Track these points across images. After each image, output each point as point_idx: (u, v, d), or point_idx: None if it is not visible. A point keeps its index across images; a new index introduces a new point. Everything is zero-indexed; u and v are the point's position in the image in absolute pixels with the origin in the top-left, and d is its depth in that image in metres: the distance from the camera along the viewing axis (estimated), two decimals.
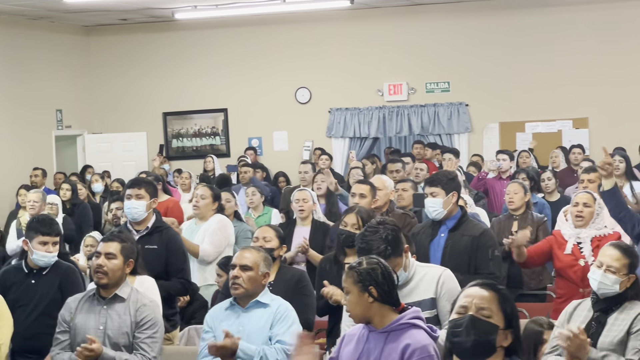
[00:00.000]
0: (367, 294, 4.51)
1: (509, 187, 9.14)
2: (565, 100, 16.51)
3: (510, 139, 16.74)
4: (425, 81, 17.28)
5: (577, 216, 7.34)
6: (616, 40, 16.29)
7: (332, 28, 17.53)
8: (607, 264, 5.45)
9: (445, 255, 6.83)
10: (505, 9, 16.81)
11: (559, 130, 16.66)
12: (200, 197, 8.80)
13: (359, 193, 8.17)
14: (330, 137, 17.70)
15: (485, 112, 16.96)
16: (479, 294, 3.64)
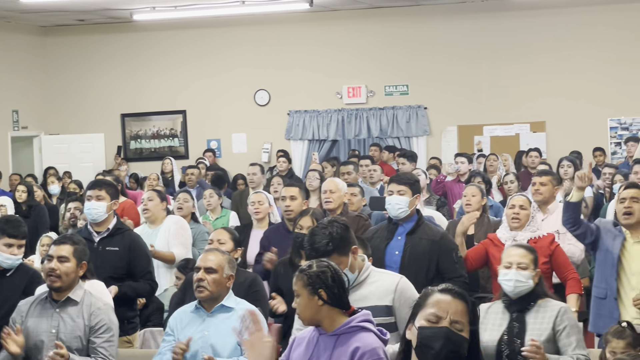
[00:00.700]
0: (316, 297, 4.50)
1: (467, 190, 9.14)
2: (522, 104, 16.61)
3: (469, 142, 16.81)
4: (384, 84, 17.32)
5: (514, 218, 7.39)
6: (573, 45, 16.42)
7: (291, 30, 17.52)
8: (517, 262, 5.64)
9: (404, 259, 6.80)
10: (464, 14, 16.88)
11: (517, 133, 16.76)
12: (147, 199, 8.78)
13: (289, 196, 8.22)
14: (289, 139, 17.69)
15: (443, 116, 17.03)
16: (454, 305, 3.60)
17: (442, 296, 3.63)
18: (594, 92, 16.28)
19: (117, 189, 7.82)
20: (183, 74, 17.99)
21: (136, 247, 7.40)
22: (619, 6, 16.26)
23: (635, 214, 6.53)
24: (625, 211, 6.55)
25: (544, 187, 8.53)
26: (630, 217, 6.53)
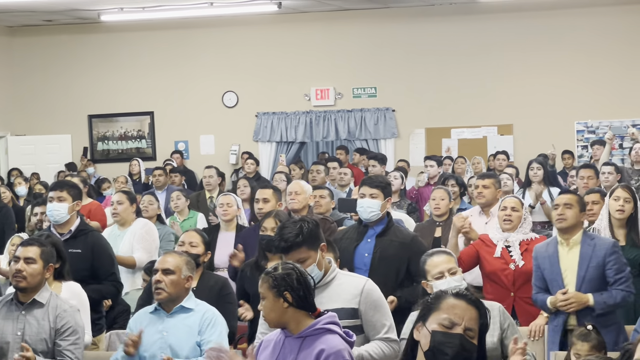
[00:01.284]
0: (282, 299, 4.50)
1: (435, 193, 9.14)
2: (490, 106, 16.68)
3: (436, 144, 16.85)
4: (352, 86, 17.33)
5: (506, 220, 7.39)
6: (541, 49, 16.51)
7: (259, 32, 17.50)
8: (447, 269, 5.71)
9: (374, 261, 6.83)
10: (432, 16, 16.92)
11: (484, 136, 16.82)
12: (117, 202, 8.73)
13: (262, 198, 8.25)
14: (257, 141, 17.66)
15: (411, 118, 17.06)
16: (468, 312, 3.58)
17: (457, 301, 3.60)
18: (561, 95, 16.37)
19: (79, 190, 7.74)
20: (151, 75, 17.93)
21: (99, 248, 7.35)
22: (587, 10, 16.36)
23: (568, 219, 6.61)
24: (559, 217, 6.64)
25: (486, 190, 8.57)
26: (563, 222, 6.60)
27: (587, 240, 6.63)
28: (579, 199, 6.78)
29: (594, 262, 6.49)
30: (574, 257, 6.58)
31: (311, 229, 5.20)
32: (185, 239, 6.90)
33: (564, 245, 6.64)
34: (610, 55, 16.24)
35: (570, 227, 6.63)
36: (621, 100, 16.06)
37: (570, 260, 6.59)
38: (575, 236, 6.64)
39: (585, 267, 6.50)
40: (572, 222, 6.63)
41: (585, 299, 6.41)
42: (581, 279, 6.48)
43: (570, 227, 6.62)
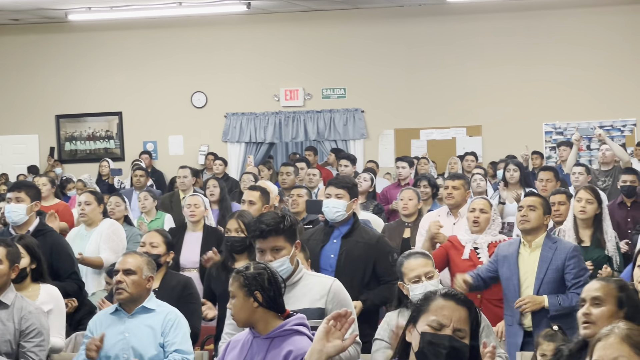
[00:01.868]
0: (252, 298, 4.48)
1: (403, 194, 9.14)
2: (459, 108, 16.72)
3: (405, 145, 16.87)
4: (322, 87, 17.33)
5: (474, 222, 7.42)
6: (509, 50, 16.57)
7: (228, 33, 17.46)
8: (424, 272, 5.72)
9: (340, 262, 6.82)
10: (402, 17, 16.94)
11: (453, 137, 16.86)
12: (84, 203, 8.67)
13: (248, 200, 8.22)
14: (226, 141, 17.62)
15: (380, 119, 17.07)
16: (457, 312, 3.56)
17: (446, 302, 3.59)
18: (530, 96, 16.44)
19: (38, 191, 7.72)
20: (119, 75, 17.84)
21: (58, 248, 7.33)
22: (555, 12, 16.44)
23: (531, 221, 6.65)
24: (522, 219, 6.68)
25: (456, 191, 8.58)
26: (526, 224, 6.66)
27: (548, 243, 6.68)
28: (543, 202, 6.82)
29: (553, 265, 6.54)
30: (534, 259, 6.63)
31: (292, 222, 5.22)
32: (146, 239, 6.88)
33: (526, 246, 6.70)
34: (578, 57, 16.33)
35: (533, 229, 6.68)
36: (589, 102, 16.14)
37: (531, 262, 6.63)
38: (537, 238, 6.69)
39: (545, 270, 6.54)
40: (535, 224, 6.68)
41: (539, 300, 6.44)
42: (540, 281, 6.52)
43: (533, 229, 6.68)
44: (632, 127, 16.22)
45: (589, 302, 4.51)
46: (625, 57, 16.18)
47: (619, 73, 16.20)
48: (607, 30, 16.27)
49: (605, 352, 3.69)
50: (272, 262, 5.06)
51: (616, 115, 16.24)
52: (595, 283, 4.59)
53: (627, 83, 16.19)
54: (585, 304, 4.53)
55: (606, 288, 4.54)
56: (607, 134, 14.58)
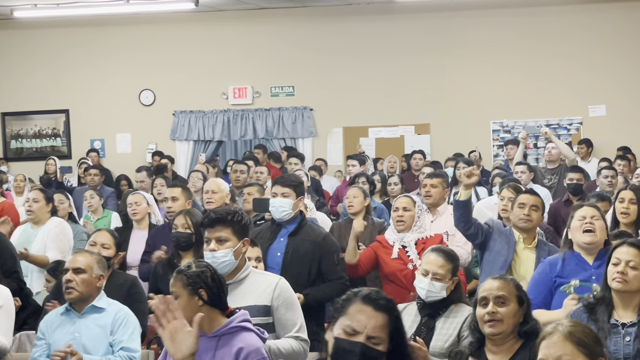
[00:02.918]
0: (197, 297, 4.46)
1: (349, 192, 9.16)
2: (407, 106, 16.77)
3: (354, 143, 16.89)
4: (270, 85, 17.30)
5: (398, 221, 7.43)
6: (457, 49, 16.65)
7: (176, 30, 17.37)
8: (433, 271, 5.62)
9: (286, 260, 6.84)
10: (350, 15, 16.96)
11: (402, 135, 16.90)
12: (33, 200, 8.60)
13: (171, 196, 8.24)
14: (175, 139, 17.53)
15: (329, 117, 17.08)
16: (374, 319, 3.48)
17: (363, 306, 3.51)
18: (478, 95, 16.53)
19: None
20: (66, 72, 17.68)
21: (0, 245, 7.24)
22: (502, 11, 16.53)
23: (534, 221, 6.72)
24: (525, 218, 6.70)
25: (434, 189, 8.60)
26: (529, 223, 6.70)
27: (541, 245, 6.78)
28: (542, 202, 6.91)
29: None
30: (528, 257, 6.69)
31: (243, 219, 5.23)
32: (97, 239, 6.83)
33: (520, 242, 6.74)
34: (525, 56, 16.44)
35: (533, 229, 6.77)
36: (536, 101, 16.26)
37: (526, 258, 6.69)
38: (535, 240, 6.77)
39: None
40: (536, 224, 6.79)
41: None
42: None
43: (533, 228, 6.77)
44: (578, 126, 16.37)
45: (493, 300, 4.58)
46: (572, 56, 16.32)
47: (566, 72, 16.34)
48: (554, 30, 16.40)
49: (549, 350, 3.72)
50: (215, 252, 5.07)
51: (563, 113, 16.39)
52: (495, 282, 4.66)
53: (574, 82, 16.33)
54: (488, 302, 4.58)
55: (507, 287, 4.63)
56: (554, 132, 14.72)
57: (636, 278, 4.87)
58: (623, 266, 4.89)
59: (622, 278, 4.86)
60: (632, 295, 4.87)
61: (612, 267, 4.94)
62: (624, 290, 4.87)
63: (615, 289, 4.89)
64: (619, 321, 4.86)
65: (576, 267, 5.77)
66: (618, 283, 4.87)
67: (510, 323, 4.58)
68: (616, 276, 4.87)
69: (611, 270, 4.93)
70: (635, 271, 4.88)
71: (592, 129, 16.19)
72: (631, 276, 4.87)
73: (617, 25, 16.22)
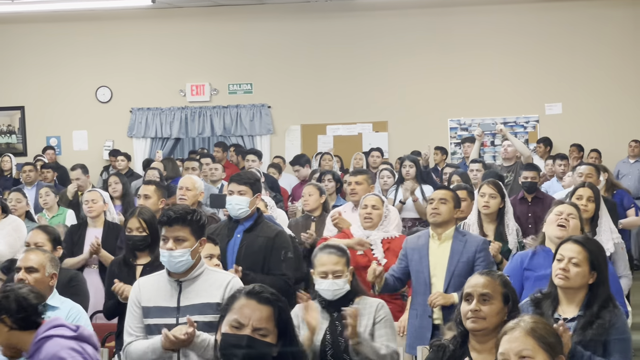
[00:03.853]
0: (1, 324, 4.46)
1: (305, 189, 9.22)
2: (365, 104, 16.79)
3: (312, 141, 16.90)
4: (228, 82, 17.26)
5: (366, 218, 7.47)
6: (415, 47, 16.69)
7: (134, 27, 17.28)
8: (332, 271, 5.62)
9: (240, 256, 6.86)
10: (308, 13, 16.95)
11: (360, 133, 16.92)
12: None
13: (143, 194, 8.22)
14: (132, 137, 17.44)
15: (287, 114, 17.07)
16: (258, 312, 3.60)
17: (247, 301, 3.63)
18: (435, 93, 16.58)
19: None
20: (21, 68, 17.52)
21: None
22: (460, 9, 16.59)
23: (442, 214, 6.73)
24: (433, 212, 6.76)
25: (359, 187, 8.64)
26: (437, 217, 6.73)
27: (458, 236, 6.77)
28: (453, 195, 6.89)
29: (464, 258, 6.62)
30: (444, 252, 6.69)
31: (202, 218, 5.22)
32: (30, 239, 6.81)
33: (435, 239, 6.76)
34: (483, 54, 16.52)
35: (444, 222, 6.76)
36: (493, 98, 16.34)
37: (441, 254, 6.69)
38: (447, 231, 6.76)
39: (456, 262, 6.61)
40: (446, 217, 6.75)
41: (450, 299, 6.49)
42: (450, 274, 6.58)
43: (443, 221, 6.75)
44: (534, 124, 16.46)
45: (477, 298, 4.54)
46: (529, 54, 16.41)
47: (523, 70, 16.43)
48: (511, 28, 16.48)
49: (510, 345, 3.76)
50: (173, 251, 5.05)
51: (520, 111, 16.47)
52: (481, 278, 4.63)
53: (531, 80, 16.43)
54: (472, 299, 4.56)
55: (493, 284, 4.59)
56: (510, 130, 14.79)
57: (578, 275, 4.94)
58: (566, 263, 4.95)
59: (564, 275, 4.90)
60: (575, 291, 4.92)
61: (556, 264, 5.00)
62: (566, 286, 4.94)
63: (557, 285, 4.96)
64: (561, 316, 4.91)
65: (544, 261, 5.86)
66: (560, 279, 4.94)
67: (493, 321, 4.54)
68: (558, 273, 4.93)
69: (555, 267, 4.99)
70: (578, 268, 4.94)
71: (548, 127, 16.29)
72: (573, 273, 4.93)
73: (574, 24, 16.33)
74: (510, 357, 3.76)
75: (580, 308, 4.87)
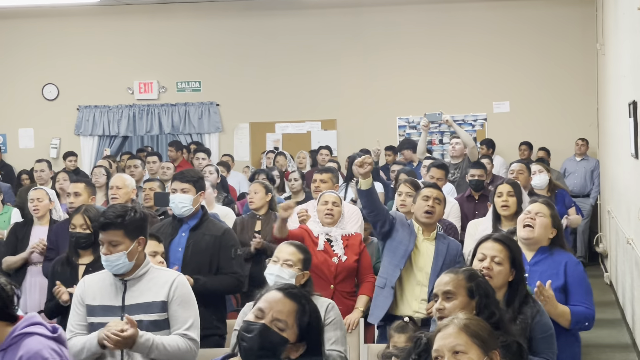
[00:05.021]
0: None
1: (250, 187, 9.25)
2: (314, 102, 16.79)
3: (261, 139, 16.87)
4: (176, 80, 17.17)
5: (327, 214, 7.50)
6: (363, 45, 16.72)
7: (81, 24, 17.12)
8: (284, 258, 5.67)
9: (187, 255, 6.86)
10: (257, 10, 16.91)
11: (308, 131, 16.92)
12: None
13: (73, 192, 8.18)
14: (79, 135, 17.29)
15: (235, 112, 17.03)
16: (281, 304, 3.62)
17: (275, 293, 3.66)
18: (384, 91, 16.62)
19: None
20: None
21: None
22: (406, 7, 16.62)
23: (435, 214, 6.80)
24: (428, 210, 6.79)
25: (324, 184, 8.65)
26: (431, 217, 6.79)
27: (441, 238, 6.86)
28: (444, 197, 6.99)
29: (447, 260, 6.70)
30: (428, 250, 6.76)
31: (136, 218, 5.18)
32: None
33: (420, 233, 6.81)
34: (431, 52, 16.58)
35: (435, 222, 6.88)
36: (442, 96, 16.37)
37: (425, 251, 6.76)
38: (434, 232, 6.86)
39: (441, 263, 6.67)
40: (438, 218, 6.89)
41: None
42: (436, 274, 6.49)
43: (435, 221, 6.87)
44: (482, 122, 16.56)
45: (441, 296, 4.54)
46: (477, 52, 16.50)
47: (472, 68, 16.52)
48: (460, 26, 16.55)
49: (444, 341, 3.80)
50: (108, 256, 5.04)
51: (468, 109, 16.56)
52: (445, 276, 4.62)
53: (479, 78, 16.52)
54: (437, 298, 4.56)
55: (455, 280, 4.57)
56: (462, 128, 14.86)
57: (501, 273, 4.95)
58: (488, 262, 4.95)
59: (488, 273, 4.91)
60: (497, 289, 4.91)
61: (477, 263, 5.01)
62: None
63: None
64: None
65: None
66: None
67: None
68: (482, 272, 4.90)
69: (476, 266, 4.98)
70: (500, 266, 4.95)
71: (496, 125, 16.41)
72: (496, 271, 4.94)
73: (522, 23, 16.43)
74: (444, 353, 3.79)
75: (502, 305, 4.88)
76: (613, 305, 11.72)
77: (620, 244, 11.29)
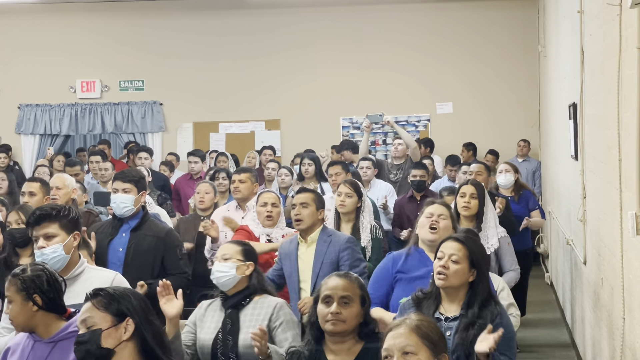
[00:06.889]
0: (31, 302, 4.33)
1: (200, 187, 9.19)
2: (258, 101, 16.77)
3: (204, 139, 16.82)
4: (119, 79, 17.05)
5: (268, 216, 7.50)
6: (307, 45, 16.72)
7: (22, 21, 16.94)
8: (221, 254, 5.64)
9: (128, 255, 6.81)
10: (199, 10, 16.86)
11: (252, 131, 16.90)
12: None
13: (28, 191, 8.05)
14: (20, 133, 17.10)
15: (179, 112, 16.96)
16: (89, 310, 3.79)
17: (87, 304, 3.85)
18: (327, 91, 16.64)
19: None
20: None
21: None
22: (353, 8, 16.67)
23: (305, 219, 6.79)
24: (296, 217, 6.81)
25: (242, 185, 8.64)
26: (301, 223, 6.79)
27: (323, 237, 6.82)
28: (315, 197, 6.91)
29: (328, 259, 6.66)
30: (310, 255, 6.74)
31: (71, 214, 5.18)
32: None
33: (303, 243, 6.81)
34: (374, 53, 16.62)
35: (308, 227, 6.81)
36: (385, 97, 16.42)
37: (307, 257, 6.74)
38: (312, 234, 6.82)
39: (320, 264, 6.65)
40: (309, 222, 6.81)
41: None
42: (316, 276, 6.60)
43: (307, 227, 6.81)
44: (426, 123, 16.64)
45: (337, 300, 4.62)
46: (420, 53, 16.58)
47: (415, 69, 16.59)
48: (404, 27, 16.62)
49: (394, 341, 3.82)
50: (44, 249, 4.99)
51: (411, 110, 16.64)
52: (340, 281, 4.70)
53: (422, 79, 16.60)
54: (332, 301, 4.62)
55: (352, 287, 4.69)
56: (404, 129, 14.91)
57: (457, 272, 4.94)
58: (446, 260, 4.95)
59: (445, 273, 4.91)
60: (456, 289, 4.93)
61: (437, 262, 5.00)
62: (445, 286, 4.93)
63: (438, 285, 4.94)
64: (443, 315, 4.92)
65: (418, 263, 5.83)
66: (440, 281, 4.92)
67: (352, 324, 4.61)
68: (439, 270, 4.92)
69: (436, 265, 5.00)
70: (458, 265, 4.94)
71: (439, 126, 16.50)
72: (452, 270, 4.92)
73: (465, 24, 16.53)
74: (393, 352, 3.80)
75: (462, 307, 4.89)
76: (553, 305, 11.82)
77: (560, 244, 11.39)
